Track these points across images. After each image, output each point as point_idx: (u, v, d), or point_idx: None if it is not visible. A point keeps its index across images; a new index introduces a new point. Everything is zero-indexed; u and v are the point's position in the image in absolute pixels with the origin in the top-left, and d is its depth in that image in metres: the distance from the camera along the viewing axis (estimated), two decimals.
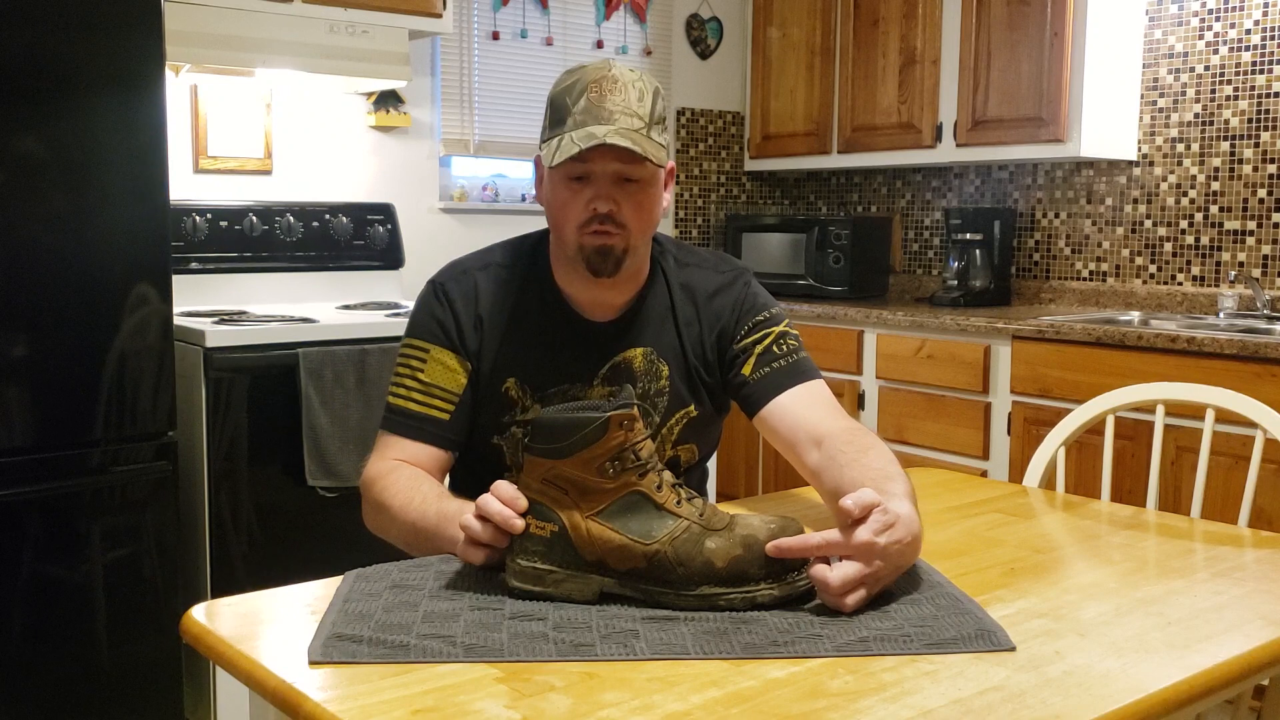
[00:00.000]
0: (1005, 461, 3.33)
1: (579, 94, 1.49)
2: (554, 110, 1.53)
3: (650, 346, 1.64)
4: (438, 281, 1.67)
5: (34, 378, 2.45)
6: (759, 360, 1.64)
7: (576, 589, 1.24)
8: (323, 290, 3.55)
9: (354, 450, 2.91)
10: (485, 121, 4.03)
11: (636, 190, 1.54)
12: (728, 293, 1.68)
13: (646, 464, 1.25)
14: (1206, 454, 1.95)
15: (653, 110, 1.52)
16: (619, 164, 1.50)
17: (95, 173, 2.51)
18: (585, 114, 1.48)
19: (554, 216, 1.58)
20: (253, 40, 3.13)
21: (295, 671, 1.07)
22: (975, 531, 1.60)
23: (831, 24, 4.24)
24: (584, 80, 1.51)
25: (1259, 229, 3.42)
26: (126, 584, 2.62)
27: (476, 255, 1.70)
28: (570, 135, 1.48)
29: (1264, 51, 3.39)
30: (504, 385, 1.62)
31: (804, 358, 1.66)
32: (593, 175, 1.52)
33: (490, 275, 1.65)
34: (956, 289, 3.86)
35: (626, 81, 1.50)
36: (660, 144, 1.52)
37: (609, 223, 1.52)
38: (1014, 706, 1.01)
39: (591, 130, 1.47)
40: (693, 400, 1.67)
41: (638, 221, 1.55)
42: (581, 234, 1.54)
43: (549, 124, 1.54)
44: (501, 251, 1.70)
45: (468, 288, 1.64)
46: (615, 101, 1.48)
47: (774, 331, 1.66)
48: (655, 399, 1.64)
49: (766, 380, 1.63)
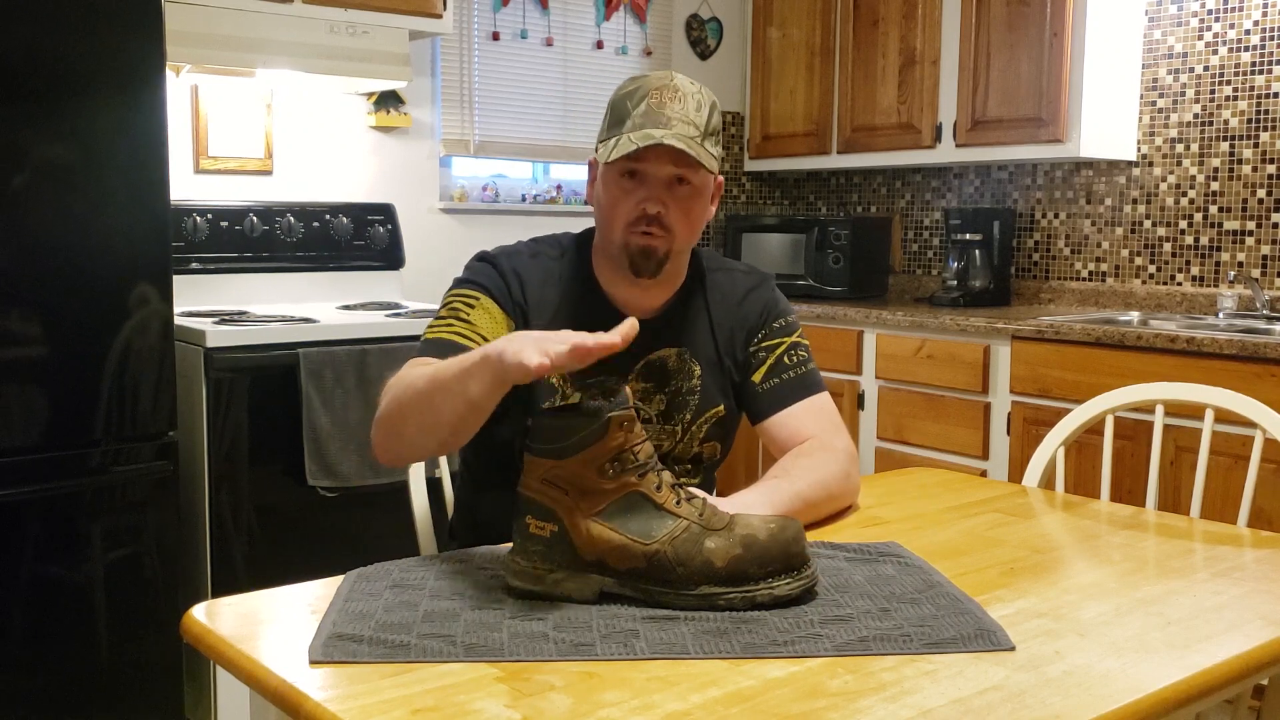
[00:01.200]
0: (1005, 461, 3.33)
1: (640, 99, 1.55)
2: (614, 113, 1.58)
3: (684, 347, 1.69)
4: (490, 256, 1.68)
5: (34, 378, 2.46)
6: (770, 370, 1.71)
7: (576, 589, 1.24)
8: (323, 290, 3.55)
9: (354, 450, 2.91)
10: (485, 122, 4.03)
11: (686, 196, 1.59)
12: (757, 294, 1.76)
13: (646, 464, 1.25)
14: (1206, 454, 1.95)
15: (709, 121, 1.57)
16: (673, 167, 1.56)
17: (95, 173, 2.51)
18: (645, 117, 1.53)
19: (603, 214, 1.62)
20: (253, 40, 3.13)
21: (295, 671, 1.07)
22: (975, 531, 1.60)
23: (831, 24, 4.24)
24: (646, 87, 1.56)
25: (1258, 229, 3.42)
26: (127, 584, 2.62)
27: (523, 244, 1.73)
28: (629, 135, 1.53)
29: (1263, 52, 3.39)
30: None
31: (811, 370, 1.74)
32: (646, 176, 1.57)
33: (540, 264, 1.69)
34: (956, 289, 3.87)
35: (687, 92, 1.56)
36: (714, 154, 1.57)
37: (656, 224, 1.57)
38: (1014, 706, 1.01)
39: (649, 132, 1.52)
40: (722, 400, 1.72)
41: (684, 226, 1.60)
42: (628, 232, 1.58)
43: (608, 125, 1.59)
44: (547, 244, 1.73)
45: (521, 266, 1.67)
46: (675, 109, 1.53)
47: (788, 341, 1.74)
48: (687, 397, 1.68)
49: (774, 392, 1.70)
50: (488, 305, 1.63)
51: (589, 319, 1.64)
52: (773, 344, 1.73)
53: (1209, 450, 1.96)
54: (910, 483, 1.91)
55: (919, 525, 1.62)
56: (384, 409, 1.48)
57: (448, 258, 3.88)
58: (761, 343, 1.73)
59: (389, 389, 1.49)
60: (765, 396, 1.70)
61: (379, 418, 1.49)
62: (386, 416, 1.46)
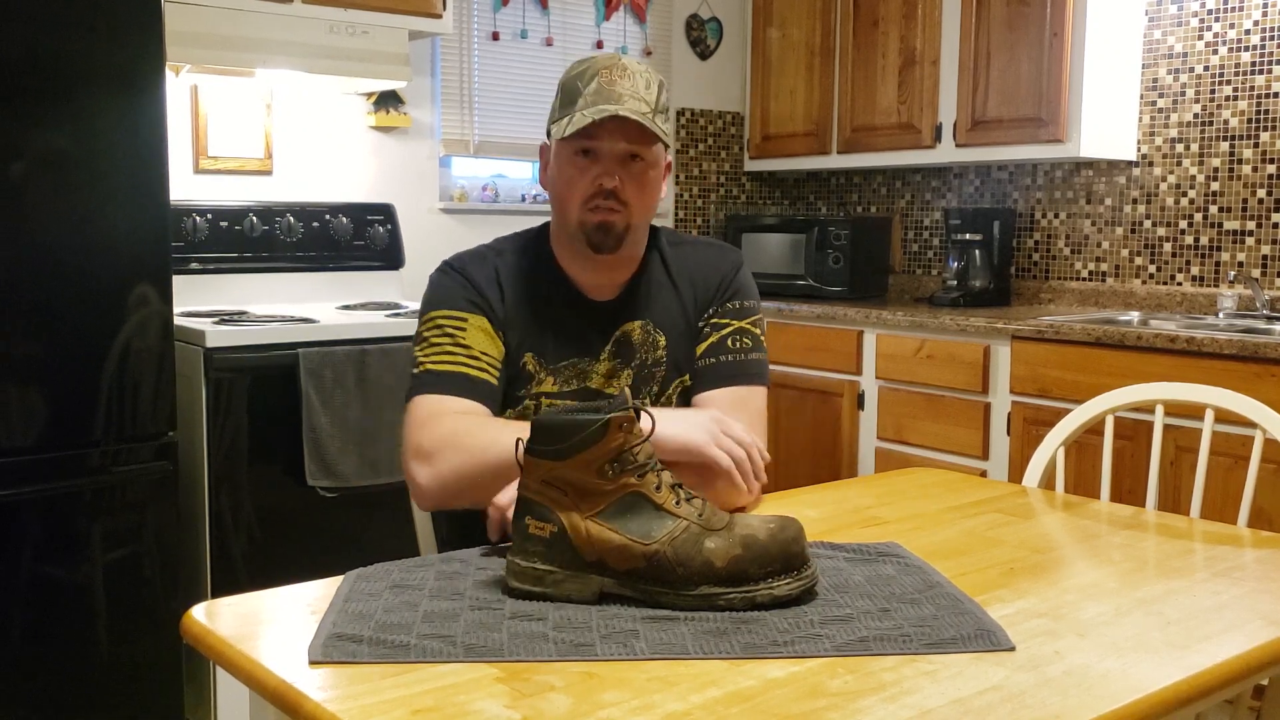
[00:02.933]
0: (1005, 461, 3.33)
1: (590, 78, 1.57)
2: (565, 94, 1.60)
3: (647, 318, 1.71)
4: (455, 265, 1.70)
5: (34, 378, 2.46)
6: (710, 348, 1.71)
7: (576, 589, 1.24)
8: (323, 290, 3.55)
9: (354, 450, 2.91)
10: (485, 122, 4.03)
11: (640, 171, 1.61)
12: (716, 269, 1.76)
13: (646, 465, 1.25)
14: (1206, 454, 1.95)
15: (658, 99, 1.60)
16: (626, 144, 1.58)
17: (95, 173, 2.51)
18: (596, 95, 1.55)
19: (559, 194, 1.64)
20: (253, 40, 3.13)
21: (295, 671, 1.07)
22: (975, 531, 1.60)
23: (831, 24, 4.24)
24: (595, 66, 1.58)
25: (1258, 229, 3.42)
26: (126, 584, 2.62)
27: (484, 246, 1.76)
28: (582, 112, 1.55)
29: (1264, 52, 3.39)
30: (523, 360, 1.67)
31: (753, 360, 1.72)
32: (600, 153, 1.59)
33: (505, 261, 1.71)
34: (956, 289, 3.86)
35: (635, 70, 1.59)
36: (664, 130, 1.59)
37: (613, 199, 1.59)
38: (1013, 706, 1.01)
39: (602, 107, 1.54)
40: (688, 369, 1.73)
41: (640, 200, 1.62)
42: (584, 210, 1.61)
43: (559, 105, 1.61)
44: (507, 241, 1.76)
45: (489, 270, 1.69)
46: (625, 86, 1.56)
47: (736, 325, 1.73)
48: (652, 369, 1.71)
49: (706, 370, 1.71)
50: (477, 323, 1.64)
51: (558, 304, 1.69)
52: (721, 322, 1.73)
53: (1209, 450, 1.96)
54: (910, 483, 1.91)
55: (919, 525, 1.62)
56: (445, 469, 1.49)
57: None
58: (711, 318, 1.73)
59: (432, 450, 1.50)
60: (698, 373, 1.71)
61: (437, 473, 1.50)
62: (451, 479, 1.49)
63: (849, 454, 3.77)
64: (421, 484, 1.52)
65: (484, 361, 1.62)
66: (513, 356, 1.67)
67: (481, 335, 1.64)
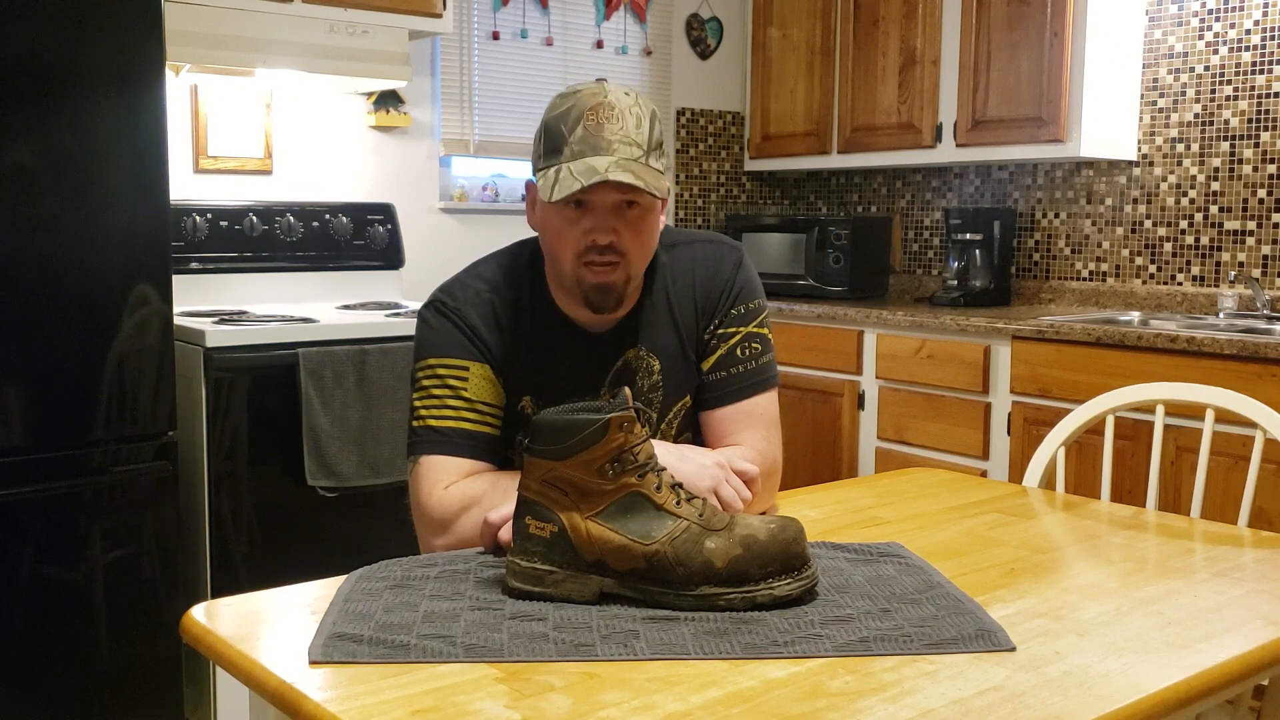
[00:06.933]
0: (1005, 461, 3.33)
1: (575, 121, 1.45)
2: (549, 138, 1.48)
3: (641, 345, 1.63)
4: (449, 307, 1.60)
5: (34, 378, 2.46)
6: (719, 361, 1.65)
7: (576, 589, 1.24)
8: (323, 290, 3.55)
9: (354, 450, 2.91)
10: (485, 121, 4.03)
11: (637, 217, 1.51)
12: (717, 274, 1.67)
13: (646, 465, 1.25)
14: (1206, 454, 1.95)
15: (650, 136, 1.48)
16: (619, 194, 1.47)
17: (95, 173, 2.51)
18: (582, 144, 1.44)
19: (550, 245, 1.55)
20: (253, 40, 3.13)
21: (295, 671, 1.07)
22: (975, 531, 1.60)
23: (831, 24, 4.24)
24: (580, 107, 1.46)
25: (1259, 229, 3.42)
26: (126, 584, 2.62)
27: (475, 277, 1.64)
28: (569, 168, 1.44)
29: (1264, 51, 3.39)
30: (520, 403, 1.61)
31: (764, 364, 1.67)
32: (591, 205, 1.49)
33: (501, 298, 1.61)
34: (956, 289, 3.86)
35: (623, 108, 1.47)
36: (659, 170, 1.49)
37: (609, 253, 1.50)
38: (1014, 706, 1.01)
39: (591, 163, 1.43)
40: (689, 391, 1.67)
41: (637, 248, 1.53)
42: (579, 265, 1.51)
43: (544, 152, 1.49)
44: (499, 271, 1.65)
45: (485, 309, 1.60)
46: (613, 130, 1.45)
47: (744, 331, 1.66)
48: (650, 395, 1.64)
49: (717, 385, 1.65)
50: (479, 371, 1.57)
51: (553, 340, 1.62)
52: (728, 332, 1.65)
53: (1209, 450, 1.96)
54: (910, 483, 1.91)
55: (919, 525, 1.62)
56: (465, 536, 1.48)
57: (447, 258, 3.88)
58: (717, 329, 1.65)
59: (446, 517, 1.49)
60: (708, 388, 1.65)
61: (456, 541, 1.49)
62: (469, 545, 1.48)
63: (849, 454, 3.77)
64: (439, 549, 1.51)
65: (485, 413, 1.56)
66: (510, 399, 1.60)
67: (483, 384, 1.57)
